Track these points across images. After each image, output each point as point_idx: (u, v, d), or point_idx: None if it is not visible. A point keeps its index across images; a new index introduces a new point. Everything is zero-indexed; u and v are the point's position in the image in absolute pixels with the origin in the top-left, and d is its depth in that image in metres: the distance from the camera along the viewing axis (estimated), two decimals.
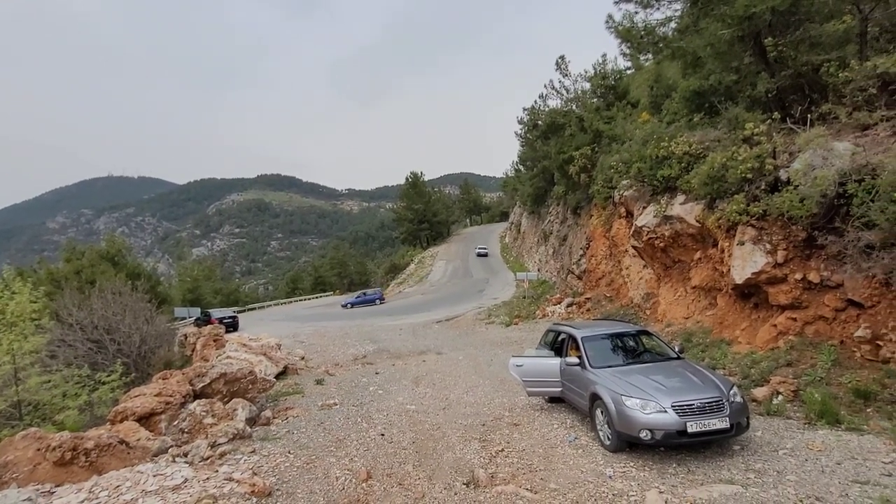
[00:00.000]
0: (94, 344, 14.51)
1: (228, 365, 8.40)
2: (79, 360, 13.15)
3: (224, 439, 6.18)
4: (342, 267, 64.04)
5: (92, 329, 14.68)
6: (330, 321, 26.43)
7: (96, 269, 22.38)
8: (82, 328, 14.51)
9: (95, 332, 14.69)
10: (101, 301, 15.58)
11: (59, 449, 5.05)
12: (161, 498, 4.34)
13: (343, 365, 13.67)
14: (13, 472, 4.99)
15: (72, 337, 14.08)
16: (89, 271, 22.26)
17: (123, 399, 7.05)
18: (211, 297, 39.89)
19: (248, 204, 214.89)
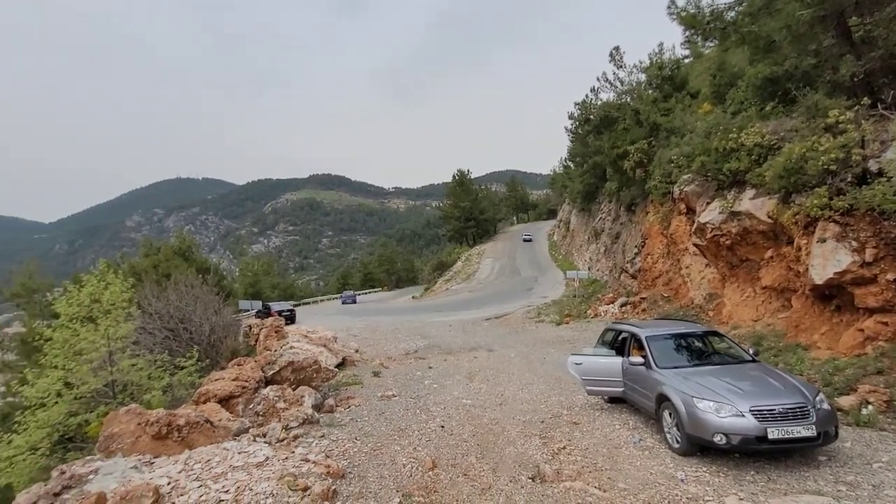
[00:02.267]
0: (170, 332, 15.76)
1: (294, 354, 8.88)
2: (157, 346, 14.34)
3: (295, 423, 6.56)
4: (390, 264, 65.48)
5: (168, 318, 15.96)
6: (381, 316, 27.16)
7: (171, 264, 24.30)
8: (160, 317, 15.80)
9: (171, 322, 15.97)
10: (176, 293, 16.88)
11: (156, 424, 5.57)
12: (247, 473, 4.70)
13: (396, 359, 14.02)
14: (118, 442, 5.56)
15: (151, 325, 15.37)
16: (165, 265, 24.21)
17: (205, 382, 7.64)
18: (269, 291, 42.11)
19: (301, 203, 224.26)
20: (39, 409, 9.61)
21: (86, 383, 9.84)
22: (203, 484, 4.46)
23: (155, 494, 4.07)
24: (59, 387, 9.81)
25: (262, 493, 4.26)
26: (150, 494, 4.04)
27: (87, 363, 9.98)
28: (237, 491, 4.31)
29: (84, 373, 9.87)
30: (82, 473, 4.73)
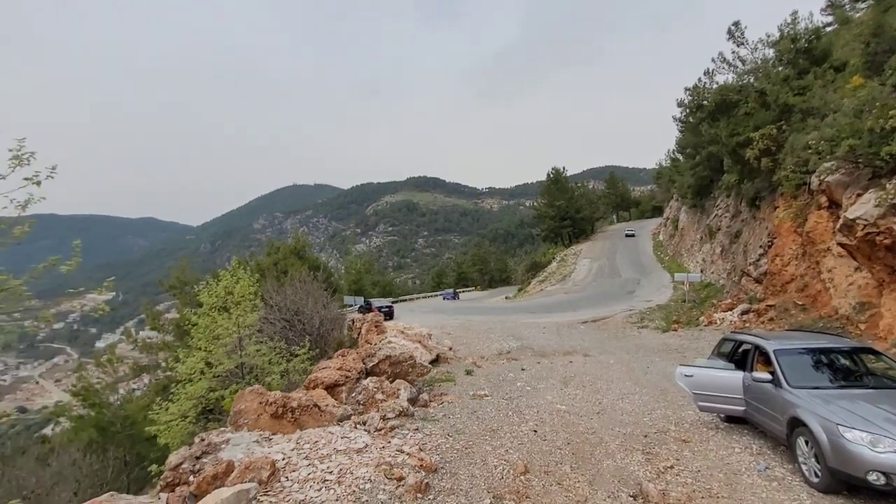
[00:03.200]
0: (286, 322, 17.59)
1: (392, 349, 9.34)
2: (276, 335, 16.09)
3: (392, 415, 6.88)
4: (483, 264, 65.83)
5: (285, 310, 17.82)
6: (474, 315, 27.40)
7: (288, 262, 27.16)
8: (279, 309, 17.70)
9: (288, 313, 17.81)
10: (292, 288, 18.77)
11: (274, 404, 6.24)
12: (348, 457, 5.04)
13: (488, 358, 14.02)
14: (244, 418, 6.33)
15: (272, 316, 17.28)
16: (283, 263, 27.12)
17: (314, 370, 8.38)
18: (370, 288, 44.93)
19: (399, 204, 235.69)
20: (188, 383, 11.36)
21: (222, 363, 11.41)
22: (311, 463, 4.89)
23: (272, 468, 4.55)
24: (202, 365, 11.51)
25: (361, 478, 4.53)
26: (268, 467, 4.52)
27: (222, 346, 11.57)
28: (340, 473, 4.64)
29: (220, 355, 11.46)
30: (217, 442, 5.47)
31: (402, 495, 4.32)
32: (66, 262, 6.00)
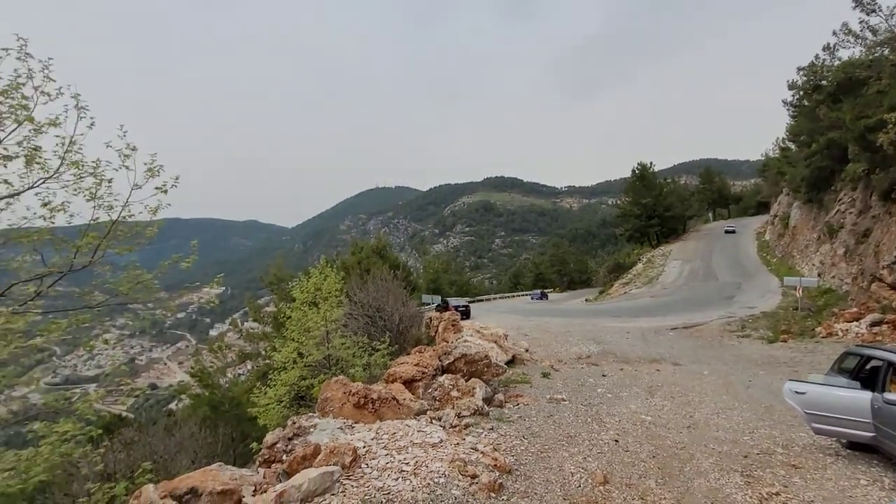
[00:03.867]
0: (368, 318, 18.52)
1: (468, 348, 9.41)
2: (360, 330, 17.01)
3: (467, 413, 6.95)
4: (562, 264, 63.84)
5: (368, 307, 18.76)
6: (552, 317, 26.67)
7: (370, 261, 28.57)
8: (362, 306, 18.69)
9: (370, 310, 18.74)
10: (374, 286, 19.74)
11: (356, 395, 6.62)
12: (424, 450, 5.18)
13: (566, 362, 13.57)
14: (330, 406, 6.79)
15: (355, 312, 18.32)
16: (366, 262, 28.59)
17: (393, 365, 8.73)
18: (448, 287, 45.70)
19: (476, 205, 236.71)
20: (283, 370, 12.45)
21: (311, 354, 12.35)
22: (389, 453, 5.11)
23: (354, 454, 4.83)
24: (294, 355, 12.55)
25: (436, 472, 4.64)
26: (350, 453, 4.81)
27: (312, 339, 12.51)
28: (416, 465, 4.80)
29: (310, 346, 12.40)
30: (306, 426, 5.93)
31: (476, 493, 4.35)
32: (186, 260, 6.90)
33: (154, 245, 7.31)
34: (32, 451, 4.95)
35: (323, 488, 4.15)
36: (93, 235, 6.26)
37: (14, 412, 5.73)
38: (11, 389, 6.50)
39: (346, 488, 4.27)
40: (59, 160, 6.28)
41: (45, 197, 6.24)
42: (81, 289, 6.66)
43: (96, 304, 6.11)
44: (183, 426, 14.76)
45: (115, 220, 6.50)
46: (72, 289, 6.62)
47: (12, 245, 6.21)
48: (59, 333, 5.45)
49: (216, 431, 15.27)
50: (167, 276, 7.52)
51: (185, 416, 19.15)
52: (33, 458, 4.87)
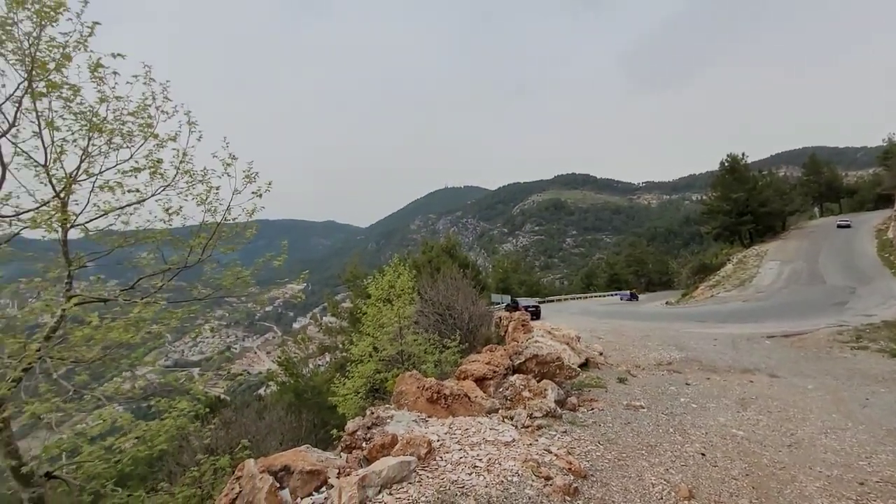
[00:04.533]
0: (439, 316, 18.88)
1: (539, 348, 9.28)
2: (430, 327, 17.42)
3: (539, 414, 6.87)
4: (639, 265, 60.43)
5: (438, 305, 19.14)
6: (628, 320, 25.36)
7: (440, 260, 29.12)
8: (432, 303, 19.12)
9: (440, 308, 19.11)
10: (444, 284, 20.09)
11: (429, 390, 6.82)
12: (496, 448, 5.22)
13: (645, 368, 12.85)
14: (405, 399, 7.06)
15: (426, 310, 18.77)
16: (436, 261, 29.18)
17: (464, 362, 8.85)
18: (517, 287, 45.23)
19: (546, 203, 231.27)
20: (360, 363, 13.13)
21: (385, 349, 12.90)
22: (462, 448, 5.21)
23: (428, 447, 5.00)
24: (370, 349, 13.19)
25: (509, 470, 4.66)
26: (425, 445, 4.98)
27: (386, 334, 13.06)
28: (489, 462, 4.85)
29: (385, 341, 12.96)
30: (383, 417, 6.23)
31: (550, 495, 4.31)
32: (278, 258, 7.56)
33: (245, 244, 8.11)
34: (157, 423, 5.73)
35: (401, 476, 4.35)
36: (202, 236, 7.09)
37: (142, 388, 6.65)
38: (136, 369, 7.56)
39: (422, 478, 4.43)
40: (175, 170, 7.16)
41: (164, 203, 7.16)
42: (189, 283, 7.56)
43: (205, 297, 6.91)
44: (271, 410, 16.14)
45: (220, 222, 7.30)
46: (180, 283, 7.54)
47: (139, 244, 7.21)
48: (176, 322, 6.24)
49: (300, 417, 16.50)
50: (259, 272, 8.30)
51: (273, 402, 20.89)
52: (157, 430, 5.64)
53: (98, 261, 6.95)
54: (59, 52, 5.64)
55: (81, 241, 7.02)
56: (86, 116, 6.15)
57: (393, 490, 4.18)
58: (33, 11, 5.53)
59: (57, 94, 5.78)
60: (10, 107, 5.65)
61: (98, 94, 6.15)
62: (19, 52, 5.46)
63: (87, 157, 6.31)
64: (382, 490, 4.16)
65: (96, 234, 6.70)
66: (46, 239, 6.16)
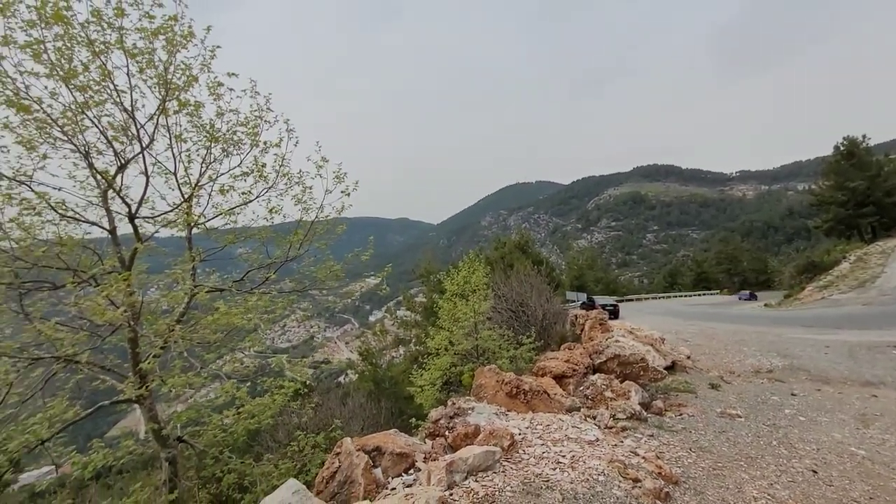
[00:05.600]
0: (512, 313, 18.82)
1: (621, 348, 8.94)
2: (504, 323, 17.42)
3: (623, 415, 6.65)
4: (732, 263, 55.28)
5: (511, 301, 19.07)
6: (718, 322, 23.39)
7: (513, 256, 28.94)
8: (505, 300, 19.09)
9: (513, 304, 19.02)
10: (517, 281, 19.97)
11: (508, 384, 6.90)
12: (580, 446, 5.18)
13: (740, 375, 11.84)
14: (484, 392, 7.21)
15: (500, 306, 18.79)
16: (508, 257, 29.05)
17: (541, 359, 8.80)
18: (593, 284, 43.54)
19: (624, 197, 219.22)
20: (436, 356, 13.53)
21: (461, 343, 13.16)
22: (545, 443, 5.23)
23: (511, 439, 5.09)
24: (445, 343, 13.53)
25: (594, 469, 4.61)
26: (508, 438, 5.07)
27: (461, 329, 13.32)
28: (572, 459, 4.83)
29: (460, 335, 13.23)
30: (464, 408, 6.42)
31: (640, 497, 4.20)
32: (364, 253, 8.07)
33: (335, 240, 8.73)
34: (267, 399, 6.43)
35: (486, 465, 4.49)
36: (299, 233, 7.77)
37: (247, 369, 7.47)
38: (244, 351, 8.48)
39: (506, 469, 4.54)
40: (276, 173, 7.91)
41: (266, 203, 7.94)
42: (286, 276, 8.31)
43: (302, 289, 7.58)
44: (353, 397, 17.17)
45: (314, 220, 7.94)
46: (282, 277, 8.32)
47: (247, 241, 8.07)
48: (281, 311, 6.94)
49: (379, 405, 17.36)
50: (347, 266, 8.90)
51: (353, 389, 22.20)
52: (265, 405, 6.33)
53: (214, 255, 7.90)
54: (187, 75, 6.51)
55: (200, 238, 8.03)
56: (206, 129, 7.02)
57: (479, 477, 4.33)
58: (166, 40, 6.42)
59: (185, 112, 6.68)
60: (150, 125, 6.63)
61: (216, 108, 6.99)
62: (157, 77, 6.39)
63: (207, 165, 7.20)
64: (469, 476, 4.33)
65: (213, 232, 7.63)
66: (176, 236, 7.14)
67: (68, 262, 6.27)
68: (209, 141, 7.09)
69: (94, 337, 6.34)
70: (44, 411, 5.68)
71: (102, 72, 6.16)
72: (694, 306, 39.40)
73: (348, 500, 4.26)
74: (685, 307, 37.79)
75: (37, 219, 6.03)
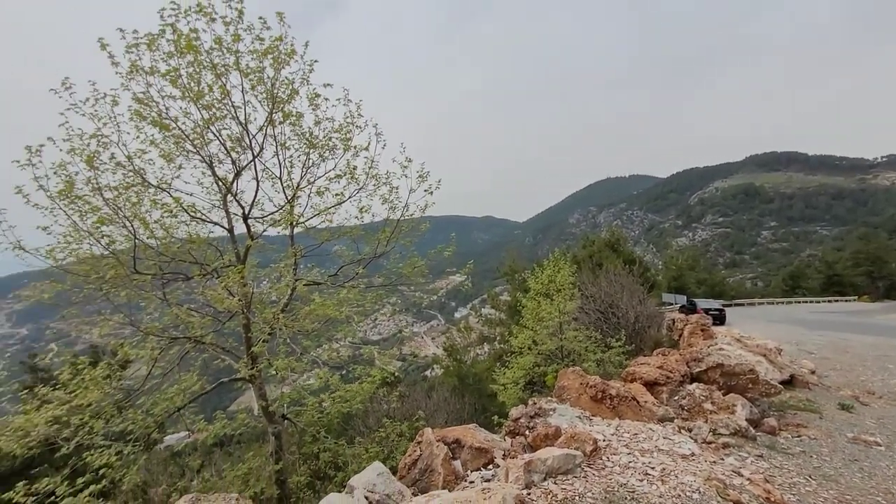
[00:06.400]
0: (601, 314, 17.91)
1: (725, 357, 8.10)
2: (591, 325, 16.65)
3: (725, 431, 6.03)
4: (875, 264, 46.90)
5: (600, 302, 18.17)
6: (854, 334, 19.99)
7: (602, 255, 27.51)
8: (593, 300, 18.23)
9: (602, 305, 18.10)
10: (606, 280, 18.96)
11: (593, 388, 6.62)
12: (672, 459, 4.80)
13: (882, 396, 10.03)
14: (567, 394, 7.00)
15: (587, 306, 18.00)
16: (597, 256, 27.67)
17: (632, 364, 8.29)
18: (694, 286, 39.78)
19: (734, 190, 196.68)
20: (519, 355, 13.40)
21: (544, 343, 12.87)
22: (631, 452, 4.94)
23: (594, 444, 4.89)
24: (529, 342, 13.33)
25: (687, 485, 4.25)
26: (591, 443, 4.88)
27: (545, 328, 13.02)
28: (663, 472, 4.50)
29: (543, 335, 12.94)
30: (546, 409, 6.30)
31: None
32: (447, 249, 8.27)
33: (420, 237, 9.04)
34: (357, 385, 6.92)
35: (566, 468, 4.37)
36: (386, 230, 8.20)
37: (342, 357, 8.07)
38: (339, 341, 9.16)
39: (588, 475, 4.37)
40: (365, 175, 8.40)
41: (357, 203, 8.48)
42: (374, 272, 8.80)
43: (389, 283, 8.00)
44: (438, 391, 17.63)
45: (399, 218, 8.32)
46: (363, 270, 8.84)
47: (340, 239, 8.70)
48: (370, 304, 7.40)
49: (463, 400, 17.63)
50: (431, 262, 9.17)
51: (438, 383, 22.80)
52: (356, 391, 6.81)
53: (312, 251, 8.65)
54: (290, 89, 7.22)
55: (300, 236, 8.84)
56: (305, 137, 7.71)
57: (558, 480, 4.23)
58: (273, 59, 7.16)
59: (288, 122, 7.42)
60: (260, 136, 7.47)
61: (314, 117, 7.64)
62: (265, 92, 7.18)
63: (306, 169, 7.91)
64: (548, 478, 4.25)
65: (311, 230, 8.35)
66: (280, 234, 7.95)
67: (197, 257, 7.32)
68: (308, 147, 7.78)
69: (216, 322, 7.33)
70: (179, 383, 6.72)
71: (223, 91, 7.07)
72: (823, 314, 34.08)
73: (428, 488, 4.43)
74: (811, 315, 32.84)
75: (174, 220, 7.12)
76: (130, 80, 6.67)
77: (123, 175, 6.70)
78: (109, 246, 6.34)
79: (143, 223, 6.52)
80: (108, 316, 6.50)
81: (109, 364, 6.56)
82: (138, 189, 6.78)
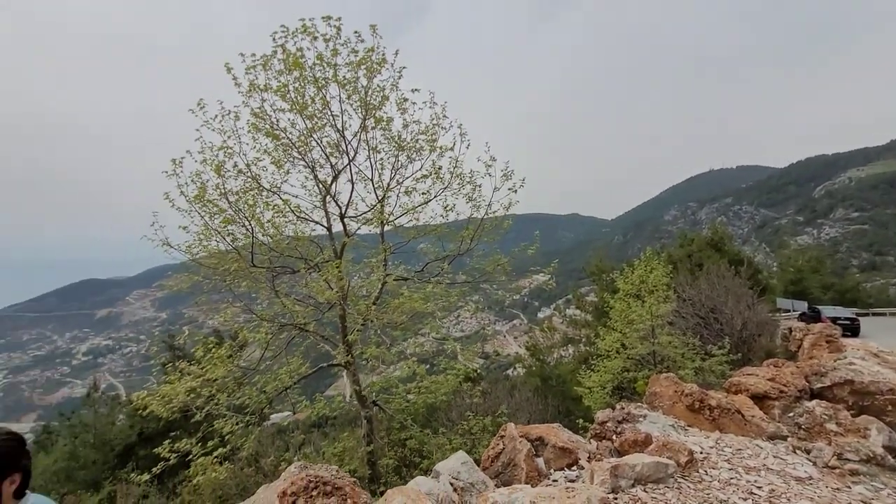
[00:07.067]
0: (700, 319, 16.46)
1: (856, 373, 7.05)
2: (689, 330, 15.36)
3: (854, 456, 5.26)
4: None
5: (700, 306, 16.69)
6: None
7: (703, 254, 25.17)
8: (692, 304, 16.80)
9: (702, 310, 16.61)
10: (707, 282, 17.35)
11: (690, 396, 6.16)
12: (783, 480, 4.34)
13: None
14: (660, 401, 6.60)
15: (684, 310, 16.63)
16: (697, 255, 25.38)
17: (737, 374, 7.56)
18: (818, 292, 34.67)
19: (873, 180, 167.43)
20: (606, 358, 12.83)
21: (634, 347, 12.18)
22: (734, 468, 4.55)
23: (689, 456, 4.58)
24: (617, 345, 12.70)
25: None
26: (686, 454, 4.58)
27: (636, 332, 12.31)
28: (771, 493, 4.09)
29: (634, 339, 12.25)
30: (635, 414, 6.01)
31: None
32: (530, 247, 8.22)
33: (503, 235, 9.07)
34: (443, 377, 7.21)
35: (656, 477, 4.17)
36: (469, 228, 8.38)
37: (427, 351, 8.42)
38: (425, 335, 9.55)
39: (682, 487, 4.12)
40: (450, 174, 8.65)
41: (442, 201, 8.76)
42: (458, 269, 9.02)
43: (473, 280, 8.18)
44: (521, 390, 17.50)
45: (483, 216, 8.45)
46: (448, 266, 9.09)
47: (426, 236, 9.06)
48: (454, 299, 7.64)
49: (545, 401, 17.30)
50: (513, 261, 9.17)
51: (521, 383, 22.59)
52: (441, 383, 7.09)
53: (400, 248, 9.13)
54: (381, 95, 7.71)
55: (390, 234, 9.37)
56: (395, 140, 8.17)
57: (648, 488, 4.05)
58: (366, 69, 7.70)
59: (379, 127, 7.93)
60: (355, 141, 8.08)
61: (402, 121, 8.07)
62: (359, 100, 7.75)
63: (395, 171, 8.37)
64: (636, 485, 4.09)
65: (400, 228, 8.83)
66: (372, 232, 8.51)
67: (301, 253, 8.13)
68: (397, 150, 8.24)
69: (317, 311, 8.08)
70: (287, 365, 7.55)
71: (323, 102, 7.77)
72: None
73: (510, 482, 4.50)
74: None
75: (282, 220, 7.99)
76: (249, 97, 7.61)
77: (243, 181, 7.68)
78: (233, 242, 7.32)
79: (258, 222, 7.41)
80: (231, 303, 7.50)
81: (231, 345, 7.57)
82: (254, 193, 7.72)
